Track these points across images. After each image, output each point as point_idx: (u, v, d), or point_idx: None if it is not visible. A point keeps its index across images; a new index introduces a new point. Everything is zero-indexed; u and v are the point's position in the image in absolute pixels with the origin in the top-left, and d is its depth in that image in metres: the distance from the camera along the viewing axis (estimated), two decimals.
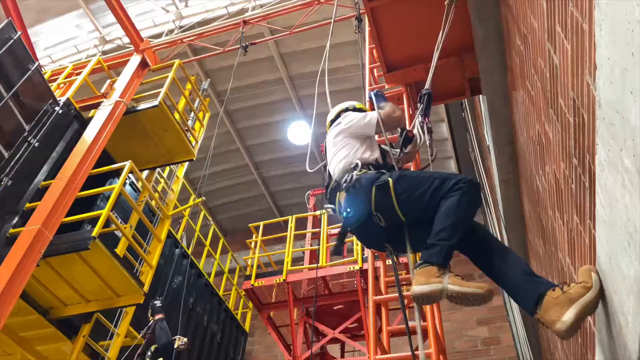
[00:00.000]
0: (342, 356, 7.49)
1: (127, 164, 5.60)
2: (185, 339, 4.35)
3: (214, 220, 10.97)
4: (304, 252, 7.69)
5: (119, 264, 5.19)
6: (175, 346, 4.24)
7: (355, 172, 2.49)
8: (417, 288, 2.02)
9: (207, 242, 9.55)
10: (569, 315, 1.75)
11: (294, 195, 11.95)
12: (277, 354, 10.47)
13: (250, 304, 10.89)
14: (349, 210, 2.44)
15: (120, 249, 5.52)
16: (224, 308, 9.75)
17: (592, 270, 1.83)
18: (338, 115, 3.06)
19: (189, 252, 8.88)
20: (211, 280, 9.41)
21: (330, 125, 3.04)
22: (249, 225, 8.02)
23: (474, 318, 9.48)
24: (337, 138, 2.83)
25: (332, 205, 2.66)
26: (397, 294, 2.85)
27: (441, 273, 2.02)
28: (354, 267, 6.41)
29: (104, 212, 5.05)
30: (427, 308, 4.01)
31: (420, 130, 2.80)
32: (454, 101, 5.90)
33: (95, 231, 4.86)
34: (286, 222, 7.81)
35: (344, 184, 2.48)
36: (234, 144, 11.45)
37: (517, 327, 8.38)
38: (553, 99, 2.51)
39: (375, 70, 5.05)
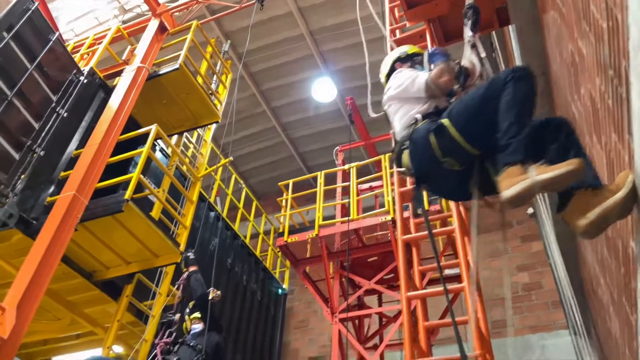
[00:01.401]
0: (380, 306, 7.53)
1: (153, 127, 5.63)
2: (219, 292, 4.42)
3: (245, 184, 11.05)
4: (335, 208, 7.66)
5: (154, 226, 5.30)
6: (210, 297, 4.32)
7: (412, 128, 2.43)
8: (505, 193, 1.89)
9: (241, 205, 9.66)
10: (591, 216, 1.66)
11: (323, 155, 11.88)
12: (316, 309, 10.65)
13: (287, 263, 11.09)
14: (416, 167, 2.38)
15: (155, 212, 5.64)
16: (261, 267, 9.94)
17: (629, 174, 1.70)
18: (392, 69, 2.92)
19: (224, 214, 9.03)
20: (247, 241, 9.57)
21: (386, 81, 2.91)
22: (279, 184, 8.03)
23: (514, 265, 9.35)
24: (391, 102, 2.73)
25: (402, 168, 2.59)
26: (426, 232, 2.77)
27: (525, 169, 1.88)
28: (386, 218, 6.35)
29: (134, 175, 5.13)
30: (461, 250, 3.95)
31: (472, 54, 2.65)
32: (483, 35, 5.61)
33: (128, 194, 4.95)
34: (315, 179, 7.78)
35: (405, 143, 2.42)
36: (260, 107, 11.38)
37: (559, 270, 8.23)
38: (585, 9, 2.33)
39: (396, 10, 4.84)
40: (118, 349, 6.42)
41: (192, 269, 4.39)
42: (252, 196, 10.69)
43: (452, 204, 4.31)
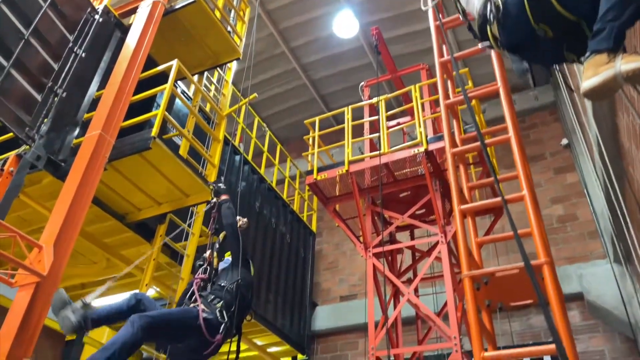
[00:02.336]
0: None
1: (174, 62, 5.43)
2: (245, 219, 4.33)
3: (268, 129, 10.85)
4: (363, 146, 7.45)
5: (182, 163, 5.19)
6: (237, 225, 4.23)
7: None
8: (585, 84, 1.73)
9: (265, 148, 9.52)
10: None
11: (346, 96, 11.55)
12: (345, 250, 10.68)
13: (315, 205, 11.05)
14: (506, 37, 2.20)
15: (182, 151, 5.52)
16: (289, 211, 9.91)
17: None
18: None
19: (249, 158, 8.92)
20: (273, 184, 9.50)
21: None
22: (305, 122, 7.81)
23: (547, 197, 9.11)
24: None
25: (487, 42, 2.37)
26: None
27: (611, 58, 1.70)
28: (418, 150, 6.14)
29: (160, 112, 4.99)
30: None
31: None
32: None
33: (155, 130, 4.82)
34: (339, 119, 7.54)
35: (490, 14, 2.21)
36: (279, 47, 11.01)
37: (597, 199, 7.98)
38: None
39: None
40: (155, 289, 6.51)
41: (223, 197, 4.26)
42: (276, 140, 10.53)
43: (507, 112, 4.02)
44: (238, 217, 4.20)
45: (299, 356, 9.15)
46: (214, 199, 4.31)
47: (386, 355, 5.69)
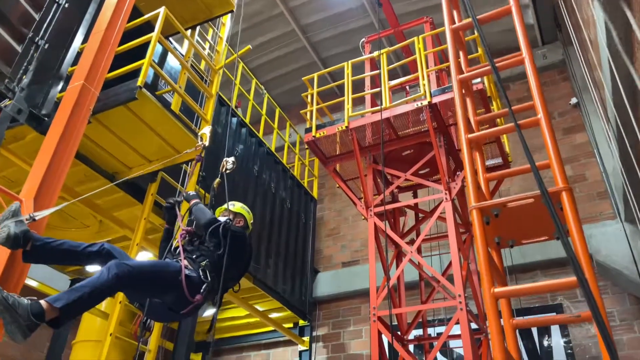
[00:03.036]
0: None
1: (162, 9, 5.11)
2: (232, 158, 3.92)
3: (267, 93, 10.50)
4: (364, 105, 7.14)
5: (173, 117, 4.92)
6: (224, 170, 3.91)
7: None
8: None
9: (263, 111, 9.23)
10: None
11: (348, 59, 11.12)
12: (347, 217, 10.48)
13: (316, 171, 10.81)
14: None
15: (174, 105, 5.25)
16: (289, 176, 9.67)
17: None
18: None
19: (247, 120, 8.63)
20: (272, 148, 9.24)
21: None
22: (303, 78, 7.50)
23: None
24: None
25: None
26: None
27: None
28: (422, 103, 5.83)
29: (146, 60, 4.69)
30: None
31: None
32: None
33: (140, 80, 4.55)
34: (342, 72, 7.22)
35: None
36: (277, 8, 10.60)
37: (608, 159, 7.69)
38: None
39: None
40: (148, 253, 6.33)
41: (191, 203, 3.65)
42: (275, 103, 10.23)
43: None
44: (225, 160, 3.89)
45: (301, 322, 9.04)
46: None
47: (388, 316, 5.52)
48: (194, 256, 3.35)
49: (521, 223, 2.76)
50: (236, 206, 3.96)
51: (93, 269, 6.94)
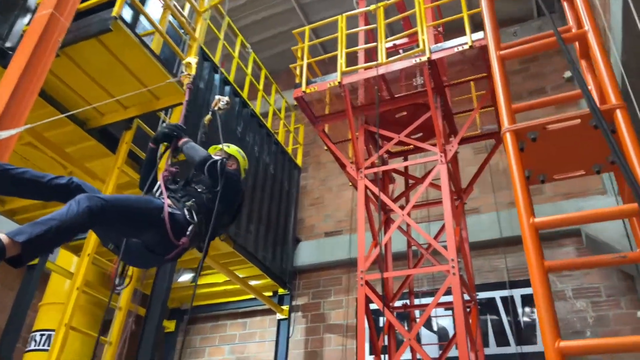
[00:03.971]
0: (406, 168, 6.94)
1: None
2: (227, 98, 3.49)
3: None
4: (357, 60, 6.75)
5: (151, 55, 4.48)
6: (216, 107, 3.49)
7: None
8: None
9: (249, 70, 8.78)
10: None
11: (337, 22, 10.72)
12: (331, 187, 10.18)
13: (301, 138, 10.45)
14: None
15: (155, 46, 4.81)
16: (273, 141, 9.29)
17: None
18: None
19: (231, 78, 8.17)
20: (257, 111, 8.82)
21: None
22: (293, 32, 7.08)
23: None
24: None
25: None
26: None
27: None
28: (420, 60, 5.50)
29: None
30: None
31: None
32: None
33: (116, 10, 4.09)
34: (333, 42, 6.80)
35: None
36: None
37: None
38: None
39: None
40: None
41: (181, 142, 3.16)
42: (261, 63, 9.76)
43: None
44: (217, 97, 3.47)
45: (280, 291, 8.78)
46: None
47: (376, 280, 5.29)
48: (178, 195, 2.97)
49: (559, 152, 2.45)
50: (231, 148, 3.55)
51: None
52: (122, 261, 2.91)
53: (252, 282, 8.47)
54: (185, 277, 8.46)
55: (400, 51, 7.95)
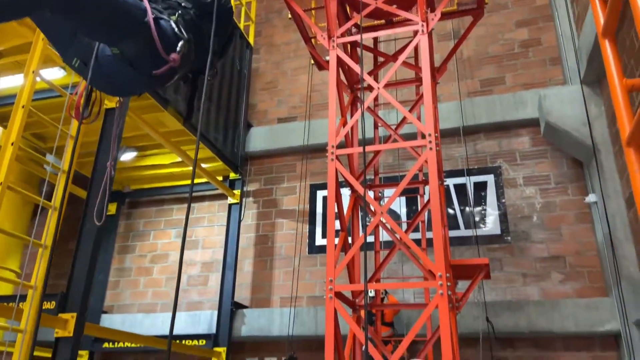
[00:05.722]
0: (375, 44, 6.49)
1: None
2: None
3: None
4: None
5: None
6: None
7: None
8: None
9: None
10: None
11: None
12: (286, 70, 9.58)
13: (253, 14, 9.57)
14: None
15: None
16: None
17: None
18: None
19: None
20: None
21: None
22: None
23: (513, 20, 8.37)
24: None
25: None
26: None
27: None
28: None
29: None
30: None
31: None
32: None
33: None
34: None
35: None
36: None
37: (565, 22, 7.37)
38: None
39: None
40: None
41: None
42: None
43: None
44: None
45: (232, 175, 8.43)
46: None
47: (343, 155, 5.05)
48: (159, 7, 2.40)
49: None
50: None
51: None
52: (91, 85, 2.37)
53: (205, 165, 8.03)
54: (129, 156, 7.84)
55: None
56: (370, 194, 5.99)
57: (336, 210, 4.68)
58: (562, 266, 6.78)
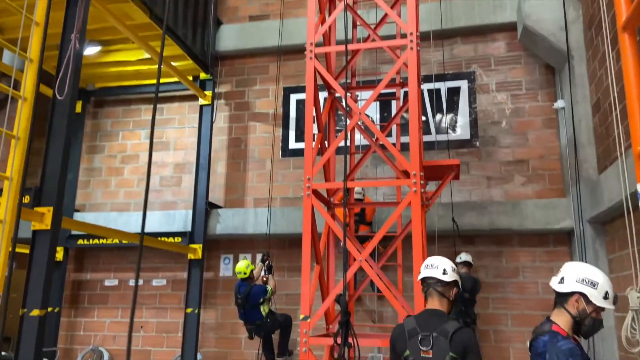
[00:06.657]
0: None
1: None
2: None
3: None
4: None
5: None
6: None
7: None
8: None
9: None
10: None
11: None
12: None
13: None
14: None
15: None
16: None
17: None
18: None
19: None
20: None
21: None
22: None
23: None
24: None
25: None
26: None
27: None
28: None
29: None
30: None
31: None
32: None
33: None
34: None
35: None
36: None
37: None
38: None
39: None
40: None
41: None
42: None
43: None
44: None
45: (202, 75, 8.15)
46: None
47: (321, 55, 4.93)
48: None
49: None
50: None
51: None
52: None
53: (175, 63, 7.71)
54: (92, 50, 7.42)
55: None
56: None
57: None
58: (526, 169, 7.09)
